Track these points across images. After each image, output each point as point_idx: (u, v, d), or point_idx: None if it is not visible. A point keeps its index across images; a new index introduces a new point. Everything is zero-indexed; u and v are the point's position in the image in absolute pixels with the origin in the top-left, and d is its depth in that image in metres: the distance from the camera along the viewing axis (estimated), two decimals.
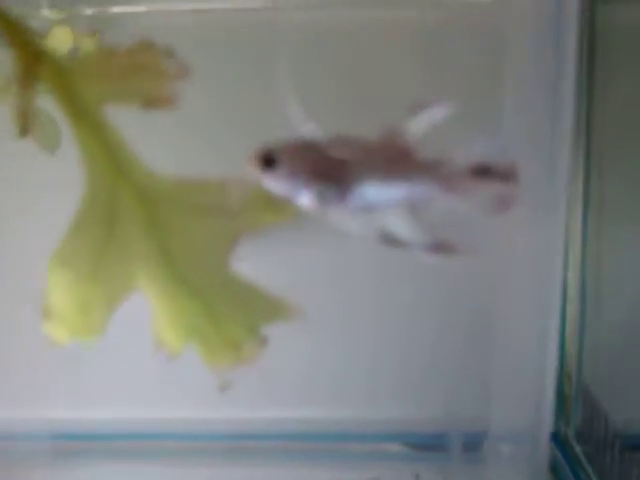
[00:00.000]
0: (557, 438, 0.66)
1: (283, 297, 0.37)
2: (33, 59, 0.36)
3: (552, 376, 0.65)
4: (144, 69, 0.36)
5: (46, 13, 0.59)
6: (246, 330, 0.37)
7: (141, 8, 0.62)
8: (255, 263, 0.37)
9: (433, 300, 0.64)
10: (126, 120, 0.36)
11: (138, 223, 0.35)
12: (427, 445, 0.64)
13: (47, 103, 0.38)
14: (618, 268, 0.63)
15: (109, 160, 0.35)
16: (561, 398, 0.67)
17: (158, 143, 0.35)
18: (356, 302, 0.64)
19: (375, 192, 0.34)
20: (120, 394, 0.66)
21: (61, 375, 0.64)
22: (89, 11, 0.61)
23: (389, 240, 0.33)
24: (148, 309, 0.38)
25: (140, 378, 0.65)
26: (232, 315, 0.37)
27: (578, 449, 0.65)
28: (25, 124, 0.35)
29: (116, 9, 0.62)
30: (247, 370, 0.39)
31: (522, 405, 0.60)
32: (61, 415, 0.67)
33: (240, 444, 0.66)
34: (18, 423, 0.67)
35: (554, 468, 0.65)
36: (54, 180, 0.47)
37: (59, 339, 0.38)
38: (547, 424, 0.58)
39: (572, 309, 0.65)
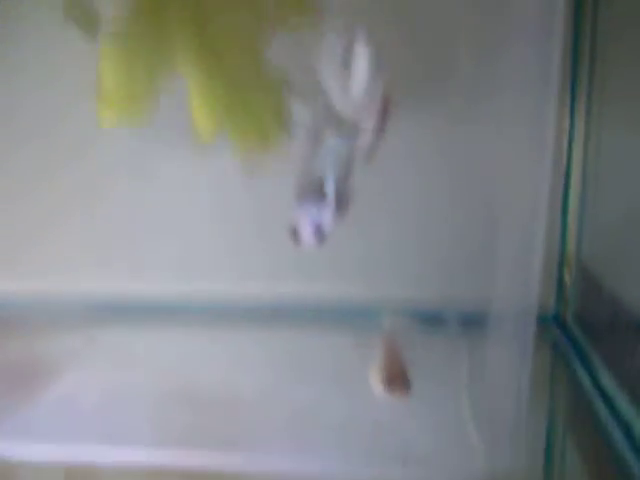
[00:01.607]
0: (557, 320, 0.72)
1: None
2: None
3: (553, 261, 0.71)
4: None
5: None
6: (273, 117, 0.43)
7: None
8: None
9: (440, 190, 0.69)
10: None
11: (184, 15, 0.42)
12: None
13: None
14: (616, 159, 0.69)
15: None
16: (561, 285, 0.72)
17: None
18: (372, 194, 0.69)
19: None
20: (147, 270, 0.72)
21: (94, 252, 0.71)
22: None
23: None
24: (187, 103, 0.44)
25: (167, 257, 0.71)
26: (262, 103, 0.43)
27: (576, 329, 0.70)
28: None
29: None
30: None
31: (524, 288, 0.65)
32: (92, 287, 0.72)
33: (252, 314, 0.72)
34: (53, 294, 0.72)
35: (554, 345, 0.70)
36: None
37: (108, 122, 0.44)
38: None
39: (574, 198, 0.70)
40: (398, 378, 0.48)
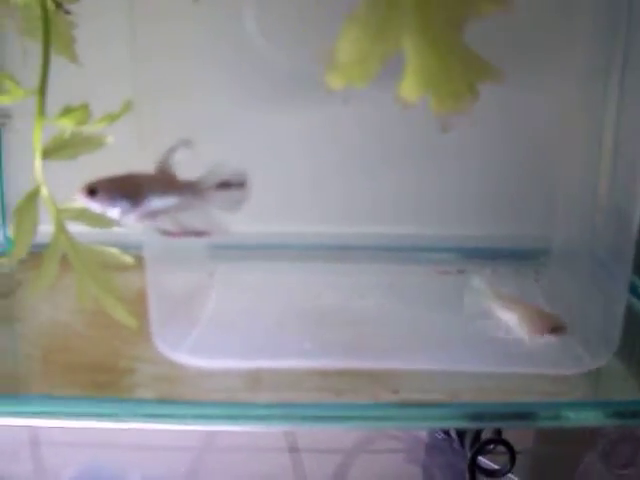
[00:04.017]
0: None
1: (490, 62, 0.58)
2: None
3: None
4: None
5: None
6: (466, 86, 0.58)
7: None
8: None
9: (502, 134, 0.84)
10: None
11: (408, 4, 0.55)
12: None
13: None
14: None
15: None
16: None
17: None
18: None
19: (157, 203, 0.60)
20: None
21: None
22: None
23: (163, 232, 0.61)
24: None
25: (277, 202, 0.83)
26: (459, 73, 0.57)
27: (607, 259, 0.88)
28: None
29: None
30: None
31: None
32: None
33: (351, 252, 0.86)
34: None
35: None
36: None
37: (335, 85, 0.57)
38: None
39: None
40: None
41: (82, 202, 0.60)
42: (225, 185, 0.61)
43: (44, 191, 0.67)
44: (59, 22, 0.71)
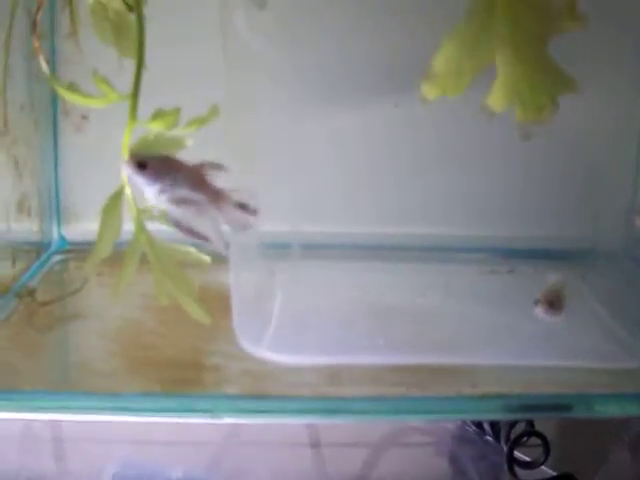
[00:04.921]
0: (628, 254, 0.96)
1: (571, 74, 0.63)
2: None
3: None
4: None
5: None
6: (549, 97, 0.63)
7: None
8: None
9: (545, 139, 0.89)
10: None
11: (506, 17, 0.60)
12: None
13: None
14: None
15: None
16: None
17: None
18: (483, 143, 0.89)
19: (185, 193, 0.64)
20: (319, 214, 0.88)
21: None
22: None
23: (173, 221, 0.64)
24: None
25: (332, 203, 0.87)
26: (544, 86, 0.62)
27: None
28: None
29: None
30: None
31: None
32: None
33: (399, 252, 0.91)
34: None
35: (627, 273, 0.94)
36: None
37: (430, 95, 0.61)
38: None
39: None
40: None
41: (126, 172, 0.62)
42: (242, 207, 0.65)
43: (128, 191, 0.69)
44: (130, 25, 0.74)
